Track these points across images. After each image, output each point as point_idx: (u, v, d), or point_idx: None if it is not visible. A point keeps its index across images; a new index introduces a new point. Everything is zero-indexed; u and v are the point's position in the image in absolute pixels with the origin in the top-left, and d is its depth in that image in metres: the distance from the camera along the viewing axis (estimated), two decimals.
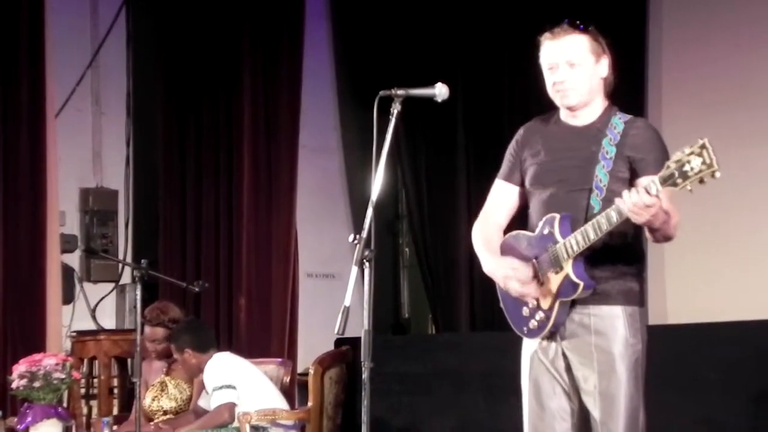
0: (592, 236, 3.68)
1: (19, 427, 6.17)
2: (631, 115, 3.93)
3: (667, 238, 3.75)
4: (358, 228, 3.70)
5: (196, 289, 6.83)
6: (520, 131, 4.13)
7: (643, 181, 3.65)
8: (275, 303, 8.27)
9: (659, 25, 8.10)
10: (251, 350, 7.57)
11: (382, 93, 3.83)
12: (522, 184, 4.06)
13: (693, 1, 8.10)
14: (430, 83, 3.92)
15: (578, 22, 3.94)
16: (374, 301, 3.69)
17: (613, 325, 3.80)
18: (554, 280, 3.81)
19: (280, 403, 6.35)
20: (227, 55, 8.46)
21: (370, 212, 3.71)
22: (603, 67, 3.93)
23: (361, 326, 3.67)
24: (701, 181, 3.39)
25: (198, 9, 8.53)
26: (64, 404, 6.84)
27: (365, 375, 3.66)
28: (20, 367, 6.15)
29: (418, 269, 9.50)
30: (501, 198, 4.13)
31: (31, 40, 7.85)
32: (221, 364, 6.27)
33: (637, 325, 3.81)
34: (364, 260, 3.67)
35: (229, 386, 6.16)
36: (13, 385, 6.15)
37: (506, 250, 3.98)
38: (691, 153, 3.38)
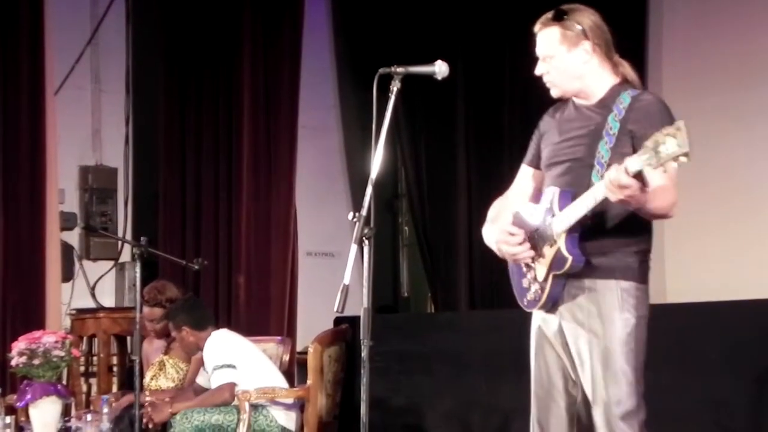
0: (582, 211, 3.68)
1: (18, 404, 6.18)
2: (643, 90, 3.89)
3: (655, 217, 3.73)
4: (357, 206, 3.70)
5: (196, 267, 6.83)
6: (543, 118, 4.14)
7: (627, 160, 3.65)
8: (274, 281, 8.28)
9: (659, 6, 8.08)
10: (250, 328, 7.58)
11: (381, 71, 3.82)
12: (539, 167, 4.05)
13: None
14: (430, 61, 3.91)
15: (563, 9, 3.90)
16: (373, 279, 3.69)
17: (606, 300, 3.78)
18: (549, 254, 3.81)
19: (279, 381, 6.36)
20: (227, 33, 8.44)
21: (369, 191, 3.70)
22: (579, 53, 3.88)
23: (360, 304, 3.67)
24: (674, 160, 3.37)
25: None
26: (64, 382, 6.84)
27: (364, 353, 3.66)
28: (20, 345, 6.15)
29: (418, 248, 9.50)
30: (520, 180, 4.16)
31: (31, 18, 7.83)
32: (221, 343, 6.27)
33: (632, 300, 3.77)
34: (364, 238, 3.67)
35: (229, 365, 6.17)
36: (13, 363, 6.16)
37: (516, 222, 3.98)
38: (668, 134, 3.37)
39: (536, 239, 3.87)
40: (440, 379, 7.16)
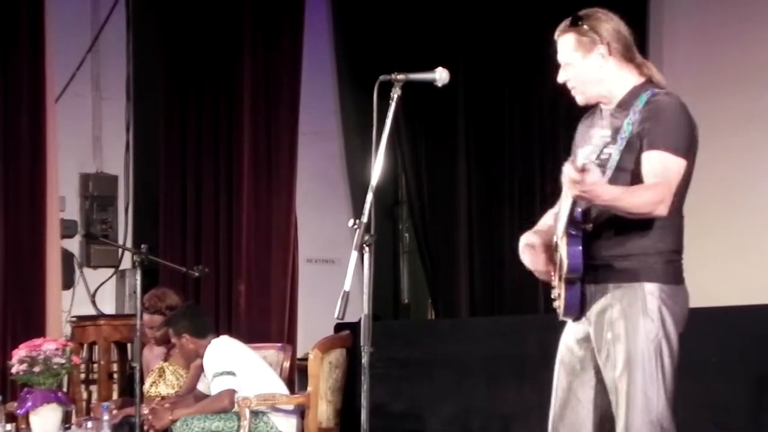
0: (565, 213, 3.64)
1: (19, 411, 6.19)
2: (665, 90, 3.82)
3: (632, 215, 3.64)
4: (357, 213, 3.70)
5: (196, 274, 6.83)
6: (577, 127, 4.09)
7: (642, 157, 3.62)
8: (275, 288, 8.27)
9: (660, 9, 8.09)
10: (251, 335, 7.58)
11: (382, 77, 3.82)
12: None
13: None
14: (431, 68, 3.91)
15: (579, 15, 3.88)
16: (374, 286, 3.69)
17: (628, 303, 3.70)
18: (557, 259, 3.79)
19: (279, 387, 6.36)
20: (227, 40, 8.45)
21: (369, 197, 3.70)
22: (595, 59, 3.84)
23: (360, 311, 3.67)
24: None
25: None
26: (64, 389, 6.85)
27: (365, 360, 3.66)
28: (20, 352, 6.16)
29: (418, 254, 9.50)
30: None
31: (32, 25, 7.84)
32: (221, 350, 6.28)
33: (656, 302, 3.68)
34: (364, 245, 3.66)
35: (229, 372, 6.17)
36: (13, 370, 6.16)
37: (550, 229, 3.94)
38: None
39: (555, 244, 3.85)
40: (441, 386, 7.16)
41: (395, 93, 3.80)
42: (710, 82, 7.74)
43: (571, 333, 3.88)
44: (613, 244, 3.73)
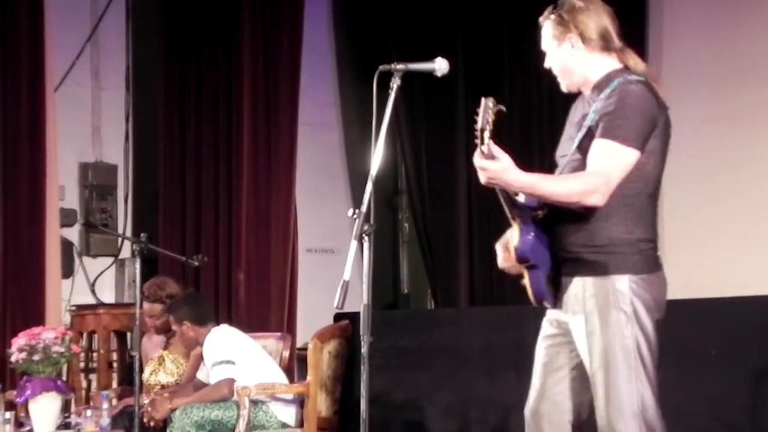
0: (504, 203, 3.70)
1: (18, 400, 6.19)
2: (636, 78, 3.80)
3: (557, 202, 3.65)
4: (357, 203, 3.70)
5: (195, 264, 6.83)
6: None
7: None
8: (274, 278, 8.28)
9: (660, 5, 8.09)
10: (250, 325, 7.59)
11: (381, 68, 3.81)
12: None
13: None
14: (430, 57, 3.91)
15: (556, 3, 3.89)
16: (374, 275, 3.69)
17: (597, 296, 3.71)
18: None
19: (279, 377, 6.37)
20: (227, 30, 8.44)
21: (369, 187, 3.70)
22: (566, 47, 3.86)
23: (360, 301, 3.67)
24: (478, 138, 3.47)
25: None
26: (64, 378, 6.85)
27: (364, 349, 3.67)
28: (20, 341, 6.16)
29: (418, 244, 9.50)
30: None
31: (31, 14, 7.83)
32: (221, 339, 6.28)
33: (626, 294, 3.69)
34: (364, 235, 3.66)
35: (228, 361, 6.18)
36: (13, 359, 6.16)
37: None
38: (476, 113, 3.43)
39: None
40: (440, 375, 7.16)
41: (395, 83, 3.80)
42: (712, 76, 7.73)
43: (552, 316, 3.91)
44: (582, 236, 3.74)
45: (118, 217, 9.04)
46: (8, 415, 6.08)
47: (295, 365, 7.51)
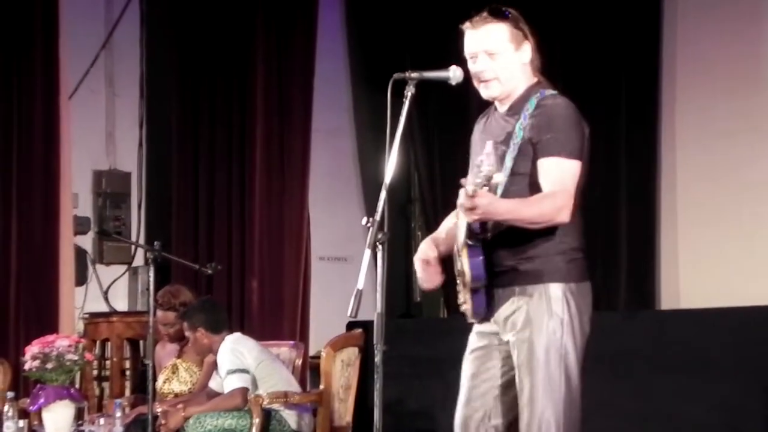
0: (462, 231, 3.70)
1: (31, 408, 6.19)
2: (553, 92, 3.84)
3: (534, 225, 3.69)
4: (370, 211, 3.70)
5: (209, 272, 6.83)
6: (476, 123, 4.15)
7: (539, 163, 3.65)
8: (287, 286, 8.28)
9: (674, 9, 8.07)
10: (263, 333, 7.58)
11: (396, 76, 3.81)
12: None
13: None
14: (445, 65, 3.90)
15: (502, 8, 3.90)
16: (386, 284, 3.68)
17: (534, 305, 3.75)
18: (461, 270, 3.82)
19: (292, 385, 6.36)
20: (241, 36, 8.45)
21: (383, 195, 3.69)
22: (525, 53, 3.89)
23: (373, 309, 3.66)
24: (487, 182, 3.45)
25: None
26: (77, 386, 6.85)
27: (378, 358, 3.66)
28: (33, 349, 6.15)
29: None
30: None
31: (45, 22, 7.86)
32: (234, 347, 6.27)
33: (561, 303, 3.73)
34: (377, 243, 3.65)
35: (242, 370, 6.17)
36: (26, 367, 6.16)
37: (449, 237, 4.00)
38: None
39: (457, 252, 3.87)
40: (453, 384, 7.12)
41: (409, 91, 3.80)
42: (725, 86, 7.71)
43: (480, 328, 3.95)
44: (516, 251, 3.77)
45: (132, 224, 9.05)
46: (22, 423, 6.07)
47: (308, 374, 7.50)
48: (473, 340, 3.98)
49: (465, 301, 3.88)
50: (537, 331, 3.73)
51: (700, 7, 8.01)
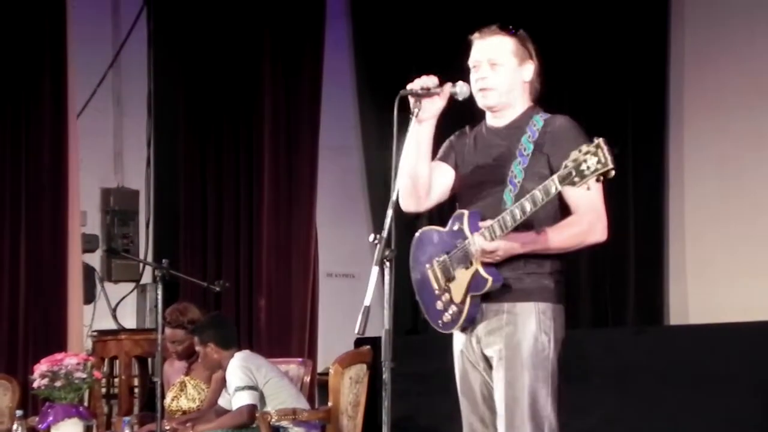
0: (498, 233, 3.71)
1: (40, 426, 6.19)
2: (553, 114, 3.92)
3: (562, 252, 3.78)
4: (378, 228, 3.70)
5: (217, 289, 6.84)
6: (455, 138, 4.20)
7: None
8: (295, 303, 8.28)
9: (681, 25, 8.08)
10: (271, 350, 7.58)
11: (402, 92, 3.83)
12: (456, 167, 4.10)
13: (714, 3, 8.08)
14: (450, 81, 3.92)
15: (510, 26, 3.96)
16: (394, 301, 3.68)
17: (523, 321, 3.79)
18: (465, 276, 3.83)
19: (300, 402, 6.35)
20: (248, 55, 8.48)
21: (390, 212, 3.70)
22: (527, 71, 3.95)
23: (381, 326, 3.67)
24: (598, 179, 3.42)
25: (219, 9, 8.55)
26: (85, 404, 6.85)
27: (386, 375, 3.66)
28: (42, 367, 6.17)
29: None
30: (437, 172, 4.17)
31: (53, 41, 7.89)
32: (243, 364, 6.27)
33: (549, 322, 3.79)
34: (385, 260, 3.66)
35: (251, 387, 6.17)
36: (35, 385, 6.17)
37: (420, 245, 4.07)
38: (587, 152, 3.41)
39: (446, 263, 3.91)
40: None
41: (415, 108, 3.82)
42: (734, 99, 7.72)
43: (462, 338, 4.03)
44: (507, 264, 3.80)
45: (140, 242, 9.06)
46: None
47: (317, 391, 7.49)
48: (465, 365, 4.05)
49: (457, 311, 3.90)
50: (526, 348, 3.78)
51: (707, 27, 8.02)
